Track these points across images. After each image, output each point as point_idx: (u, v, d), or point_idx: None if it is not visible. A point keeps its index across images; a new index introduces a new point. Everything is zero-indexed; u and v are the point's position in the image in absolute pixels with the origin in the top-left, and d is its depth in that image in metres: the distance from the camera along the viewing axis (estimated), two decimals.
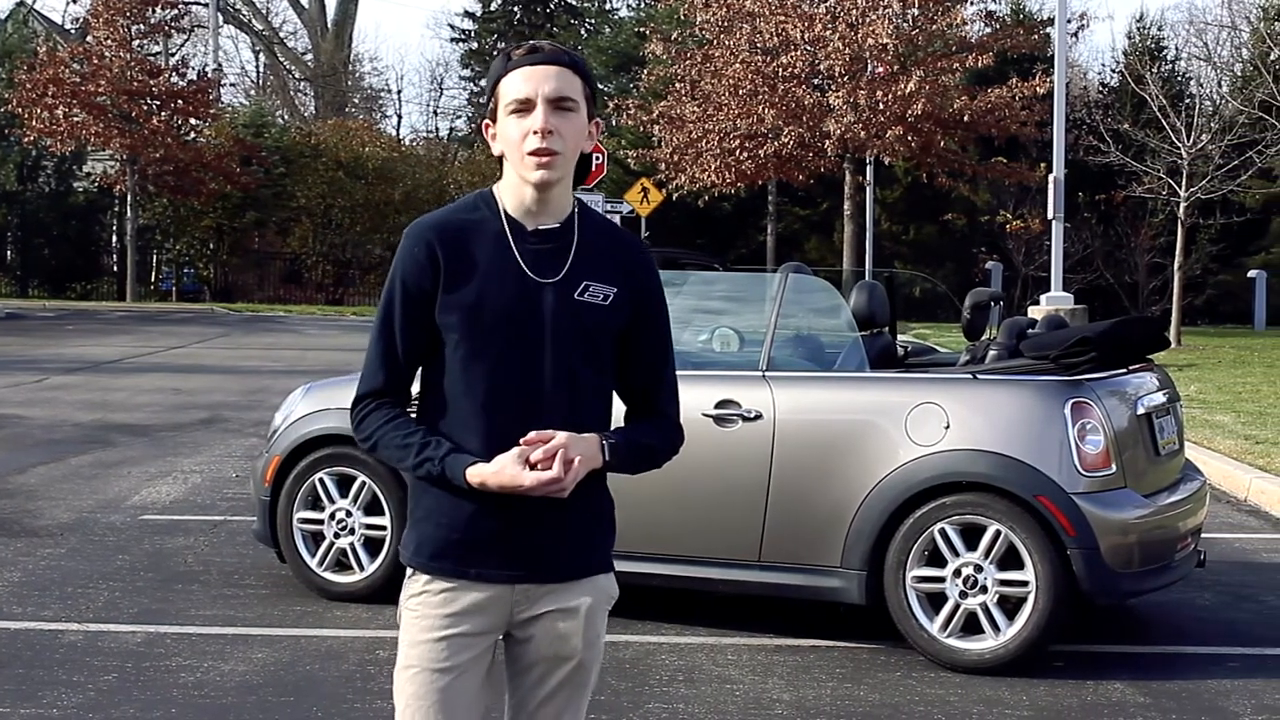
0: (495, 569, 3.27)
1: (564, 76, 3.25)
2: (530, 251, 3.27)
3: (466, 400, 3.25)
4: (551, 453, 3.14)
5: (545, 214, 3.30)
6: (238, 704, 6.16)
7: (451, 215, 3.33)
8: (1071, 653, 7.09)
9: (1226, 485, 11.91)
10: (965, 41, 31.38)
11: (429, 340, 3.29)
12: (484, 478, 3.17)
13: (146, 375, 19.74)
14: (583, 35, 55.91)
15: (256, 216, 43.26)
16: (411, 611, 3.32)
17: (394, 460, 3.30)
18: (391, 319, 3.30)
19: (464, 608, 3.28)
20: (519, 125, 3.23)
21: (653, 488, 7.28)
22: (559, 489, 3.14)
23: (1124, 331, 7.54)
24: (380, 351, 3.32)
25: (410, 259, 3.28)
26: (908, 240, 38.89)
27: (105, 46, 39.87)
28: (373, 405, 3.33)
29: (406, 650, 3.31)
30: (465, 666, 3.28)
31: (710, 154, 30.57)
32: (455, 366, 3.26)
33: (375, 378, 3.33)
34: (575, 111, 3.27)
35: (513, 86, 3.24)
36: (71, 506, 10.40)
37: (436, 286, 3.25)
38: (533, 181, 3.25)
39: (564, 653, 3.33)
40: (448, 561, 3.28)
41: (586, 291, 3.27)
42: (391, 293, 3.30)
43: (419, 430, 3.28)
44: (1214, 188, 27.51)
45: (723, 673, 6.74)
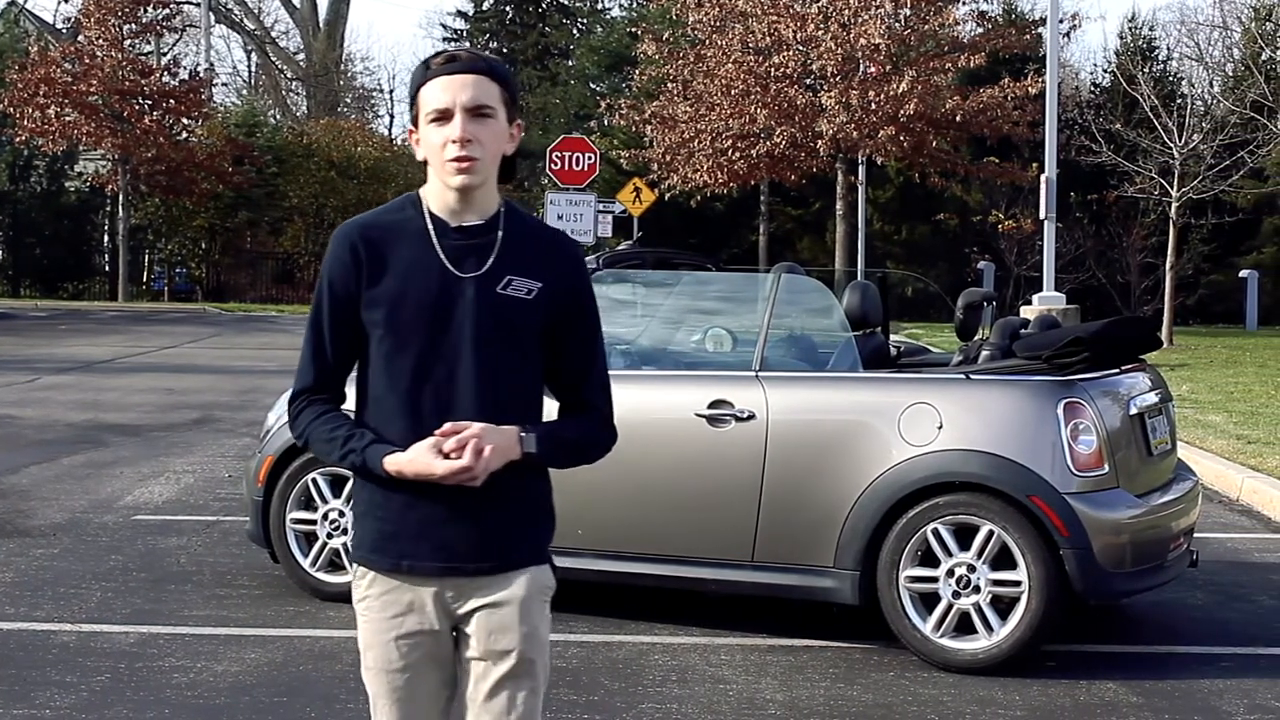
0: (424, 559, 3.37)
1: (481, 84, 3.35)
2: (452, 247, 3.38)
3: (391, 393, 3.37)
4: (463, 442, 3.24)
5: (469, 212, 3.40)
6: (231, 704, 6.16)
7: (377, 216, 3.46)
8: (1064, 652, 7.10)
9: (1219, 485, 11.92)
10: (957, 41, 31.36)
11: (357, 338, 3.42)
12: (400, 466, 3.30)
13: (139, 375, 19.72)
14: (575, 35, 55.89)
15: (249, 216, 43.21)
16: (361, 616, 3.46)
17: (324, 455, 3.44)
18: (320, 319, 3.43)
19: (403, 608, 3.40)
20: (439, 133, 3.35)
21: (646, 488, 7.32)
22: (470, 478, 3.25)
23: (1116, 331, 7.54)
24: (311, 351, 3.46)
25: (335, 260, 3.41)
26: (900, 240, 38.89)
27: (97, 46, 39.82)
28: (305, 403, 3.47)
29: (364, 652, 3.48)
30: (418, 664, 3.42)
31: (703, 154, 30.55)
32: (380, 361, 3.38)
33: (306, 376, 3.47)
34: (494, 118, 3.37)
35: (431, 96, 3.35)
36: (64, 507, 10.39)
37: (360, 286, 3.37)
38: (454, 186, 3.36)
39: (501, 646, 3.39)
40: (383, 554, 3.40)
41: (509, 285, 3.37)
42: (319, 293, 3.43)
43: (345, 424, 3.40)
44: (1206, 188, 27.52)
45: (716, 673, 6.75)
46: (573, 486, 7.26)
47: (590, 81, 47.31)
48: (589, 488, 7.33)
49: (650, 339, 8.21)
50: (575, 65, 50.22)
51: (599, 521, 7.41)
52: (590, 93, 45.52)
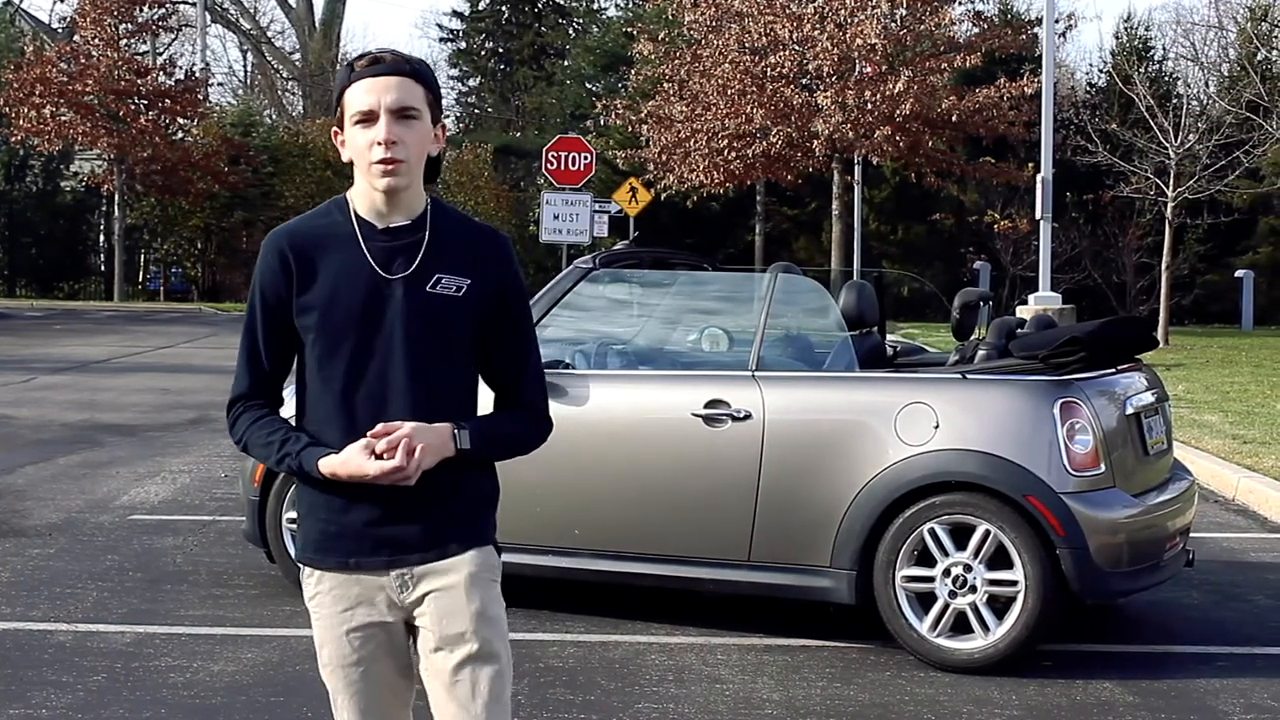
0: (370, 556, 3.41)
1: (405, 86, 3.37)
2: (380, 249, 3.40)
3: (326, 396, 3.41)
4: (395, 443, 3.28)
5: (395, 213, 3.42)
6: (227, 704, 6.16)
7: (304, 222, 3.49)
8: (1061, 652, 7.10)
9: (1215, 485, 11.93)
10: (953, 42, 31.37)
11: (290, 343, 3.46)
12: (333, 468, 3.34)
13: (134, 375, 19.71)
14: (571, 35, 55.88)
15: (245, 216, 43.17)
16: (314, 614, 3.49)
17: (262, 460, 3.48)
18: (254, 326, 3.47)
19: (353, 602, 3.43)
20: (364, 135, 3.37)
21: (642, 488, 7.31)
22: (403, 477, 3.28)
23: (1113, 331, 7.55)
24: (245, 357, 3.50)
25: (265, 268, 3.44)
26: (896, 240, 38.90)
27: (93, 46, 39.80)
28: (242, 408, 3.52)
29: (319, 649, 3.50)
30: (373, 657, 3.45)
31: (699, 154, 30.54)
32: (313, 365, 3.43)
33: (242, 382, 3.52)
34: (418, 119, 3.38)
35: (356, 98, 3.38)
36: (60, 507, 10.38)
37: (291, 292, 3.40)
38: (379, 189, 3.38)
39: (454, 630, 3.41)
40: (329, 555, 3.43)
41: (439, 284, 3.40)
42: (252, 301, 3.47)
43: (281, 428, 3.45)
44: (1201, 188, 27.53)
45: (712, 672, 6.75)
46: (569, 486, 7.32)
47: (586, 81, 47.30)
48: (586, 487, 7.33)
49: (647, 339, 8.21)
50: (571, 65, 50.20)
51: (595, 521, 7.41)
52: (586, 92, 45.51)
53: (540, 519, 7.40)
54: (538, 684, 6.46)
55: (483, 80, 58.47)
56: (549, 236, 30.02)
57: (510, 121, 55.59)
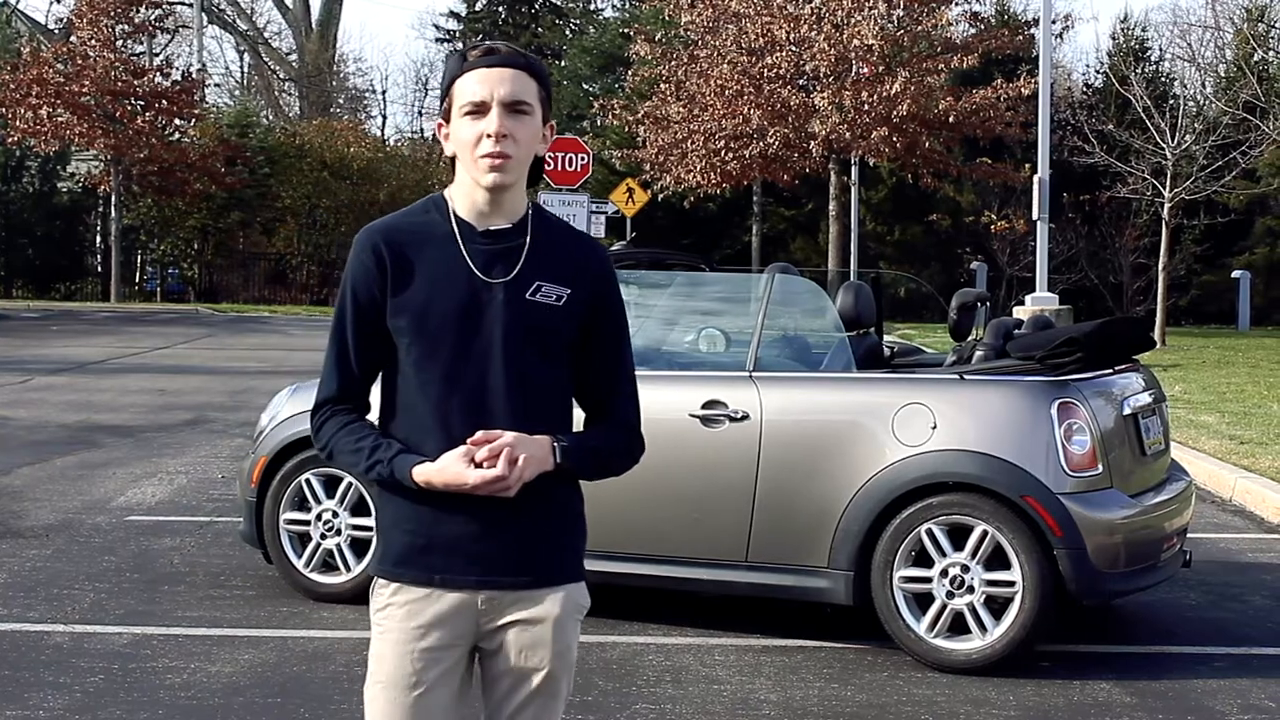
0: (459, 574, 3.25)
1: (520, 79, 3.23)
2: (480, 252, 3.26)
3: (421, 402, 3.25)
4: (496, 451, 3.13)
5: (497, 215, 3.28)
6: (225, 705, 6.16)
7: (400, 220, 3.33)
8: (1058, 653, 7.10)
9: (1212, 485, 11.94)
10: (950, 42, 31.40)
11: (382, 346, 3.30)
12: (429, 476, 3.17)
13: (131, 376, 19.69)
14: (568, 35, 55.90)
15: (241, 217, 43.17)
16: (379, 626, 3.30)
17: (349, 466, 3.30)
18: (344, 326, 3.31)
19: (430, 620, 3.26)
20: (472, 127, 3.22)
21: (640, 488, 7.30)
22: (504, 488, 3.14)
23: (1110, 332, 7.55)
24: (335, 359, 3.33)
25: (359, 266, 3.28)
26: (893, 240, 38.91)
27: (89, 46, 39.77)
28: (329, 413, 3.34)
29: (375, 665, 3.30)
30: (435, 682, 3.26)
31: (695, 154, 30.56)
32: (408, 369, 3.26)
33: (330, 385, 3.34)
34: (530, 115, 3.24)
35: (468, 88, 3.23)
36: (57, 507, 10.37)
37: (385, 292, 3.25)
38: (485, 185, 3.23)
39: (532, 664, 3.29)
40: (413, 568, 3.26)
41: (538, 292, 3.25)
42: (343, 300, 3.31)
43: (371, 434, 3.28)
44: (1198, 188, 27.56)
45: (710, 673, 6.74)
46: None
47: (583, 82, 47.33)
48: (583, 488, 7.32)
49: (644, 339, 8.20)
50: (568, 66, 50.20)
51: (593, 522, 7.29)
52: (583, 93, 45.54)
53: None
54: None
55: None
56: None
57: None
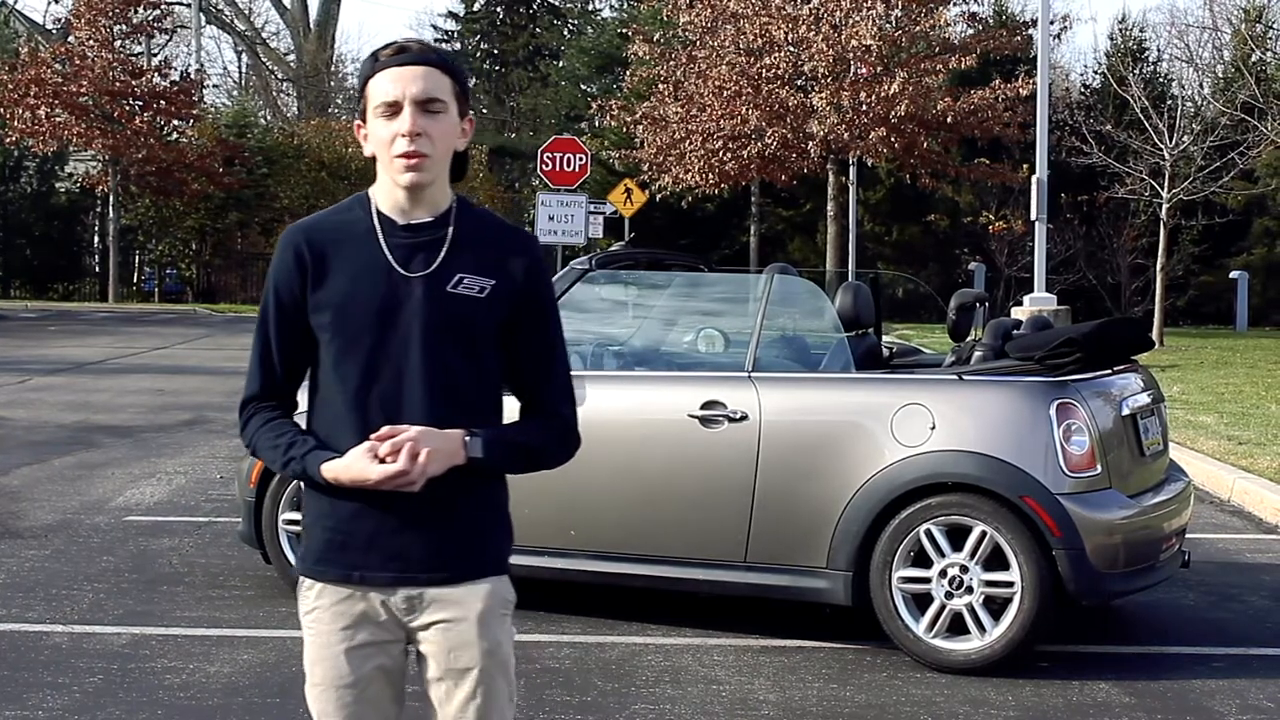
0: (377, 570, 3.25)
1: (432, 77, 3.22)
2: (400, 246, 3.25)
3: (339, 398, 3.25)
4: (399, 446, 3.12)
5: (418, 209, 3.28)
6: (224, 705, 6.15)
7: (323, 218, 3.35)
8: (1057, 653, 7.10)
9: (1210, 486, 11.94)
10: (948, 43, 31.38)
11: (305, 343, 3.30)
12: (336, 473, 3.18)
13: (130, 376, 19.69)
14: (566, 35, 55.89)
15: (239, 217, 43.17)
16: (309, 629, 3.32)
17: (270, 463, 3.32)
18: (267, 325, 3.32)
19: (356, 619, 3.27)
20: (387, 127, 3.21)
21: (639, 489, 7.32)
22: (407, 483, 3.12)
23: (1109, 332, 7.55)
24: (258, 358, 3.35)
25: (280, 264, 3.29)
26: (891, 241, 38.90)
27: (87, 47, 39.78)
28: (253, 410, 3.35)
29: (310, 667, 3.32)
30: (369, 678, 3.28)
31: (694, 155, 30.55)
32: (329, 365, 3.27)
33: (254, 383, 3.36)
34: (444, 112, 3.23)
35: (380, 88, 3.22)
36: (55, 508, 10.37)
37: (306, 290, 3.26)
38: (402, 184, 3.23)
39: (462, 664, 3.27)
40: (333, 566, 3.27)
41: (460, 284, 3.24)
42: (266, 299, 3.33)
43: (290, 431, 3.30)
44: (1196, 189, 27.58)
45: (709, 674, 6.74)
46: (565, 487, 7.31)
47: (581, 82, 47.33)
48: (582, 488, 7.33)
49: (643, 340, 8.21)
50: (566, 66, 50.22)
51: (592, 522, 7.41)
52: (581, 94, 45.55)
53: (536, 520, 7.39)
54: (534, 685, 6.45)
55: (477, 81, 58.44)
56: (544, 238, 29.97)
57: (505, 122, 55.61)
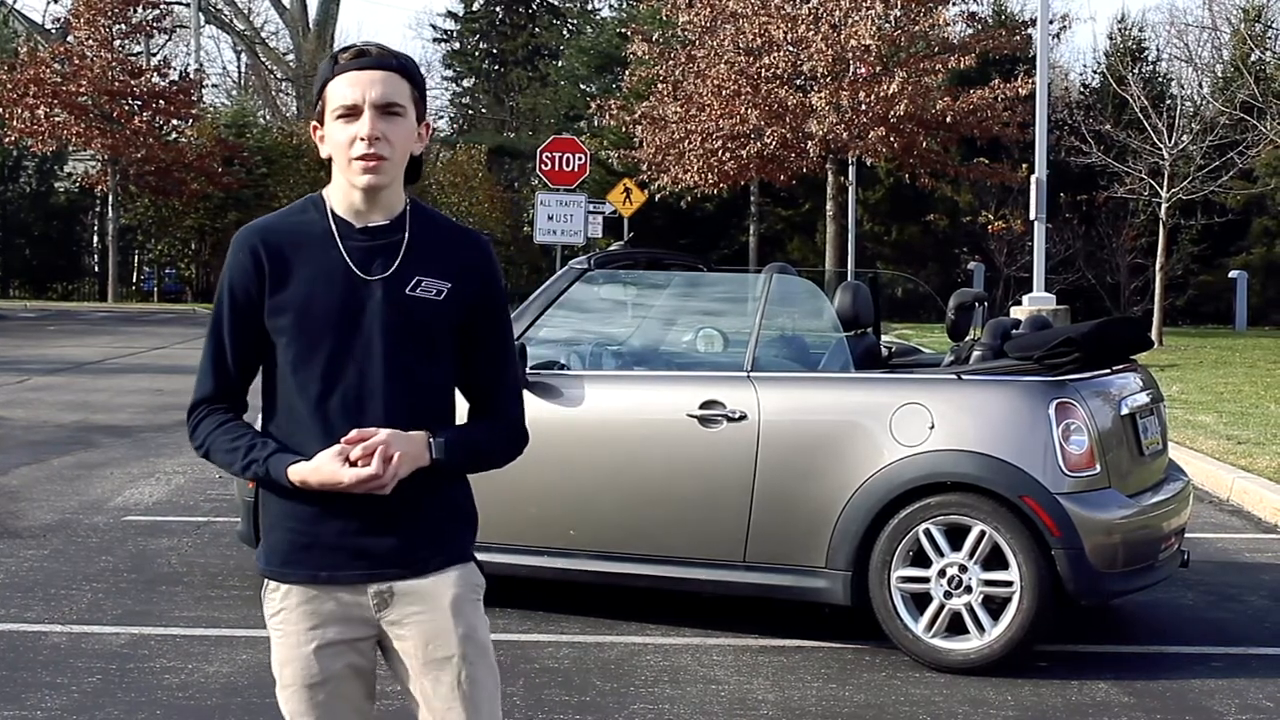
0: (344, 569, 3.26)
1: (391, 81, 3.23)
2: (357, 249, 3.26)
3: (301, 401, 3.25)
4: (370, 449, 3.13)
5: (374, 212, 3.28)
6: (222, 705, 6.15)
7: (278, 220, 3.34)
8: (1056, 653, 7.10)
9: (1209, 485, 11.94)
10: (947, 43, 31.38)
11: (259, 345, 3.30)
12: (304, 475, 3.18)
13: (129, 376, 19.69)
14: (565, 35, 55.88)
15: (238, 217, 43.07)
16: (276, 631, 3.33)
17: (225, 465, 3.31)
18: (220, 326, 3.31)
19: (324, 618, 3.28)
20: (345, 130, 3.22)
21: (638, 489, 7.31)
22: (379, 485, 3.14)
23: (1108, 332, 7.55)
24: (211, 359, 3.34)
25: (236, 266, 3.28)
26: (890, 241, 38.92)
27: (86, 46, 39.79)
28: (205, 412, 3.34)
29: (280, 669, 3.33)
30: (340, 676, 3.29)
31: (693, 154, 30.55)
32: (287, 369, 3.26)
33: (206, 385, 3.34)
34: (403, 116, 3.25)
35: (339, 91, 3.23)
36: (54, 508, 10.37)
37: (263, 291, 3.25)
38: (360, 186, 3.24)
39: (442, 654, 3.28)
40: (299, 567, 3.28)
41: (418, 287, 3.26)
42: (220, 300, 3.31)
43: (247, 434, 3.28)
44: (1195, 188, 27.58)
45: (708, 673, 6.74)
46: (565, 487, 7.31)
47: (580, 82, 47.33)
48: (581, 488, 7.33)
49: (642, 339, 8.21)
50: (565, 66, 50.23)
51: (591, 522, 7.40)
52: (580, 93, 45.56)
53: (535, 519, 7.40)
54: (533, 685, 6.45)
55: (477, 81, 58.49)
56: (543, 237, 30.02)
57: (504, 122, 55.60)
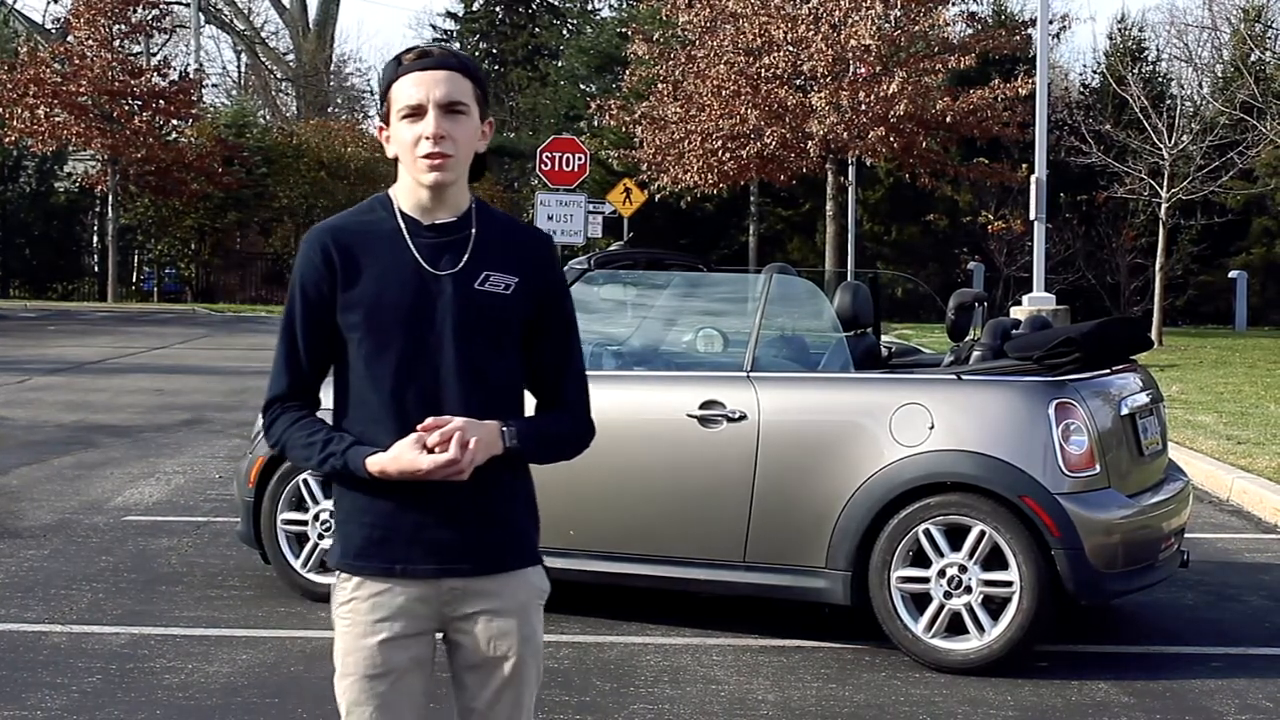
0: (419, 563, 3.31)
1: (455, 80, 3.31)
2: (426, 246, 3.33)
3: (374, 396, 3.31)
4: (447, 436, 3.19)
5: (440, 210, 3.36)
6: (222, 705, 6.16)
7: (347, 219, 3.41)
8: (1056, 653, 7.10)
9: (1209, 485, 11.94)
10: (947, 43, 31.36)
11: (332, 342, 3.37)
12: (383, 465, 3.23)
13: (129, 376, 19.68)
14: (565, 35, 55.88)
15: (238, 217, 43.16)
16: (343, 620, 3.36)
17: (302, 461, 3.36)
18: (293, 324, 3.37)
19: (393, 610, 3.32)
20: (411, 130, 3.30)
21: (638, 488, 7.31)
22: (457, 471, 3.19)
23: (1107, 332, 7.55)
24: (284, 357, 3.40)
25: (308, 265, 3.35)
26: (890, 241, 38.90)
27: (86, 46, 39.73)
28: (280, 409, 3.41)
29: (343, 658, 3.36)
30: (402, 669, 3.33)
31: (693, 154, 30.53)
32: (360, 364, 3.32)
33: (280, 382, 3.41)
34: (467, 115, 3.32)
35: (404, 92, 3.31)
36: (54, 508, 10.37)
37: (334, 289, 3.32)
38: (427, 185, 3.31)
39: (500, 653, 3.35)
40: (373, 560, 3.32)
41: (487, 281, 3.33)
42: (292, 298, 3.38)
43: (322, 429, 3.34)
44: (1195, 188, 27.57)
45: (708, 673, 6.75)
46: (565, 487, 7.30)
47: (580, 82, 47.30)
48: (581, 488, 7.33)
49: (642, 339, 8.21)
50: (565, 66, 50.19)
51: (591, 522, 7.41)
52: (580, 93, 45.52)
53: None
54: None
55: None
56: None
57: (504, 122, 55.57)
